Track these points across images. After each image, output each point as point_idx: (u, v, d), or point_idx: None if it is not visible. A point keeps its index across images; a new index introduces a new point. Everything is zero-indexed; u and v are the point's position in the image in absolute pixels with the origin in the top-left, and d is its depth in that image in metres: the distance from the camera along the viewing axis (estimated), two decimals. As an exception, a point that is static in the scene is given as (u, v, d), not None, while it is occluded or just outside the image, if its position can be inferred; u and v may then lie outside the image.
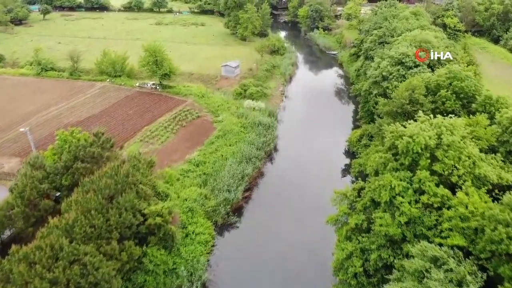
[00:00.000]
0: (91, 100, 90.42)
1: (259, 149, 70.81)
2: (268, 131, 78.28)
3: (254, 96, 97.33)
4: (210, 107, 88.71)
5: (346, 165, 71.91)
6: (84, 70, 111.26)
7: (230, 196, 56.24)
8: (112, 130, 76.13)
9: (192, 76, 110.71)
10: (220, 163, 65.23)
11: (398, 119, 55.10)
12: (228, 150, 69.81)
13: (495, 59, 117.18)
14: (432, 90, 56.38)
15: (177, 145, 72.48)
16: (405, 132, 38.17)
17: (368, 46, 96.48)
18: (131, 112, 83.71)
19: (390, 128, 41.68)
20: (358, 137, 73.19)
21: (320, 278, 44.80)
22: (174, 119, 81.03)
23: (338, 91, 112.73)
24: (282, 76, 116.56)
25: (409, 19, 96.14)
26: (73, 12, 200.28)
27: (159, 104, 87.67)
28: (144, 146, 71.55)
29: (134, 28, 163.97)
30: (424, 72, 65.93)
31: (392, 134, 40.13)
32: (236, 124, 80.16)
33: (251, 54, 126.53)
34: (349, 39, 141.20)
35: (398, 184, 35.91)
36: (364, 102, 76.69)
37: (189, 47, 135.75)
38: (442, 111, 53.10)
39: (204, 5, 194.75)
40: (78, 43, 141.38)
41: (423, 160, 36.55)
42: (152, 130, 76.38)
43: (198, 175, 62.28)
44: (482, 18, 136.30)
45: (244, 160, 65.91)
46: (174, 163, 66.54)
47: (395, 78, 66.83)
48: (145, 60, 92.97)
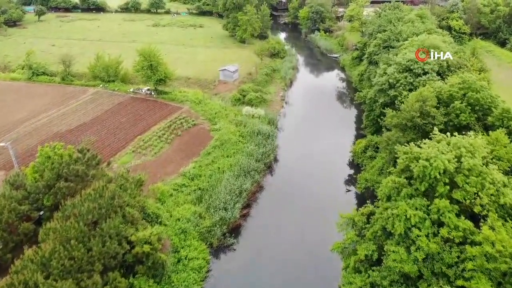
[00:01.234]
0: (83, 107, 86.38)
1: (258, 161, 66.79)
2: (268, 140, 74.28)
3: (253, 102, 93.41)
4: (207, 114, 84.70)
5: (350, 177, 67.95)
6: (77, 74, 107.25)
7: (226, 215, 52.19)
8: (103, 140, 72.30)
9: (189, 80, 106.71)
10: (217, 176, 61.24)
11: (408, 133, 51.30)
12: (226, 162, 65.84)
13: (501, 63, 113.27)
14: (444, 101, 52.44)
15: (171, 156, 68.49)
16: (421, 154, 34.21)
17: (372, 50, 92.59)
18: (124, 120, 79.67)
19: (404, 149, 37.68)
20: (363, 148, 69.21)
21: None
22: (169, 128, 77.01)
23: (340, 96, 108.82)
24: (282, 81, 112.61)
25: (415, 22, 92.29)
26: (68, 13, 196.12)
27: (153, 111, 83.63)
28: (136, 157, 67.59)
29: (131, 30, 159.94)
30: (433, 80, 62.20)
31: (406, 156, 36.13)
32: (234, 133, 76.18)
33: (251, 57, 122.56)
34: (351, 41, 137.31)
35: (414, 214, 31.99)
36: (369, 111, 72.75)
37: (187, 50, 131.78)
38: (456, 125, 49.34)
39: (202, 6, 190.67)
40: (72, 45, 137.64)
41: (441, 187, 32.63)
42: (145, 139, 72.37)
43: (193, 190, 58.28)
44: (487, 20, 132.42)
45: (242, 173, 61.88)
46: (167, 176, 62.57)
47: (403, 86, 62.96)
48: (139, 64, 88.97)
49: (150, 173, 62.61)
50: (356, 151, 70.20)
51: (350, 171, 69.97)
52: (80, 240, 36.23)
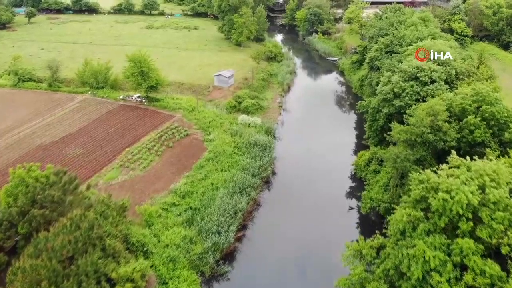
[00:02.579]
0: (69, 116, 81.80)
1: (254, 175, 62.50)
2: (265, 152, 69.93)
3: (249, 110, 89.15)
4: (200, 123, 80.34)
5: (353, 193, 63.82)
6: (65, 80, 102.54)
7: (220, 240, 47.83)
8: (90, 153, 67.78)
9: (182, 86, 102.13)
10: (210, 194, 56.89)
11: (417, 149, 47.19)
12: (220, 177, 61.48)
13: (506, 67, 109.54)
14: (456, 115, 48.37)
15: (161, 171, 64.08)
16: (440, 185, 30.04)
17: (374, 55, 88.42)
18: (112, 130, 75.14)
19: (419, 176, 33.47)
20: (366, 161, 65.11)
21: None
22: (159, 139, 72.57)
23: (340, 102, 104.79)
24: (279, 86, 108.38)
25: (418, 25, 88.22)
26: (60, 15, 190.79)
27: (143, 121, 79.16)
28: (123, 172, 63.13)
29: (123, 32, 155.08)
30: (441, 89, 58.17)
31: (422, 186, 31.92)
32: (229, 144, 71.88)
33: (247, 61, 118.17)
34: (350, 44, 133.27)
35: (434, 256, 27.87)
36: (372, 121, 68.54)
37: (180, 53, 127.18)
38: (470, 142, 45.23)
39: (197, 8, 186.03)
40: (62, 49, 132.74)
41: (463, 223, 28.55)
42: (134, 152, 67.90)
43: (184, 210, 53.89)
44: (490, 22, 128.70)
45: (237, 190, 57.55)
46: (156, 193, 58.15)
47: (409, 96, 58.83)
48: (129, 71, 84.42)
49: (137, 190, 58.62)
50: (359, 164, 66.08)
51: (353, 185, 65.87)
52: (52, 281, 31.86)
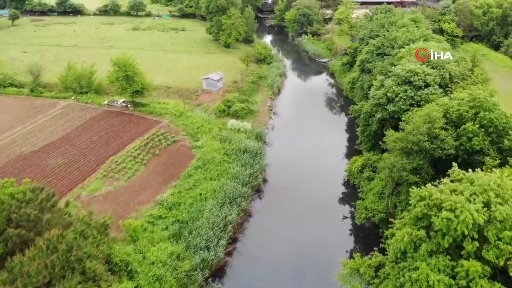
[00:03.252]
0: (51, 123, 78.61)
1: (245, 184, 60.19)
2: (256, 159, 67.68)
3: (239, 114, 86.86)
4: (188, 128, 77.79)
5: (347, 199, 61.96)
6: (48, 85, 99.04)
7: (209, 255, 45.46)
8: (72, 163, 64.84)
9: (170, 90, 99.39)
10: (198, 205, 54.41)
11: (413, 157, 45.34)
12: (208, 186, 59.03)
13: (497, 68, 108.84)
14: (453, 121, 46.64)
15: (147, 181, 61.43)
16: (444, 203, 28.08)
17: (365, 58, 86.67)
18: (96, 138, 72.22)
19: (420, 192, 31.47)
20: (359, 167, 63.22)
21: None
22: (145, 146, 69.89)
23: (330, 105, 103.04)
24: (269, 89, 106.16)
25: (409, 26, 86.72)
26: (44, 17, 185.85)
27: (128, 127, 76.35)
28: (107, 183, 60.37)
29: (109, 34, 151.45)
30: (436, 93, 56.54)
31: (424, 203, 29.93)
32: (218, 151, 69.46)
33: (236, 63, 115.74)
34: (340, 46, 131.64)
35: (438, 280, 25.92)
36: (365, 126, 66.69)
37: (168, 56, 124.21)
38: (468, 149, 43.48)
39: (185, 9, 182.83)
40: (45, 52, 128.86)
41: (468, 243, 26.67)
42: (118, 161, 65.14)
43: (171, 223, 51.37)
44: (480, 22, 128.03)
45: (227, 201, 55.21)
46: (142, 205, 55.56)
47: (403, 100, 57.05)
48: (113, 75, 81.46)
49: (122, 203, 56.02)
50: (352, 171, 64.20)
51: (346, 192, 64.00)
52: (25, 311, 29.21)
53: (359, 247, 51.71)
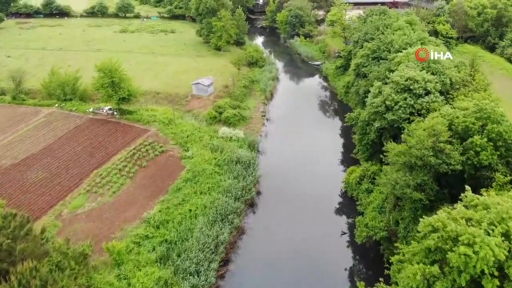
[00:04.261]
0: (33, 133, 74.71)
1: (237, 199, 56.98)
2: (249, 170, 64.47)
3: (231, 121, 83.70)
4: (177, 137, 74.34)
5: (345, 213, 59.05)
6: (31, 92, 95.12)
7: (199, 281, 42.15)
8: (53, 177, 61.16)
9: (158, 96, 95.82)
10: (188, 223, 51.06)
11: (417, 173, 42.43)
12: (199, 201, 55.69)
13: (493, 70, 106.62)
14: (458, 133, 43.82)
15: (133, 195, 57.94)
16: (459, 235, 25.15)
17: (360, 62, 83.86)
18: (80, 149, 68.53)
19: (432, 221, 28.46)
20: (357, 178, 60.26)
21: None
22: (132, 157, 66.36)
23: (325, 109, 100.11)
24: (262, 93, 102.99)
25: (405, 29, 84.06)
26: (30, 19, 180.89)
27: (114, 137, 72.71)
28: (91, 199, 56.81)
29: (96, 37, 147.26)
30: (437, 101, 53.83)
31: (437, 236, 26.94)
32: (209, 162, 66.17)
33: (227, 66, 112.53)
34: (333, 48, 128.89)
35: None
36: (362, 134, 63.81)
37: (156, 59, 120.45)
38: (476, 164, 40.69)
39: (174, 10, 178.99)
40: (30, 56, 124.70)
41: (488, 281, 23.79)
42: (103, 174, 61.58)
43: (158, 244, 48.02)
44: (475, 23, 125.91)
45: (218, 218, 51.96)
46: (127, 223, 52.10)
47: (402, 109, 54.21)
48: (98, 82, 77.71)
49: (106, 220, 52.56)
50: (350, 182, 61.21)
51: (344, 203, 61.01)
52: None
53: (360, 267, 48.91)
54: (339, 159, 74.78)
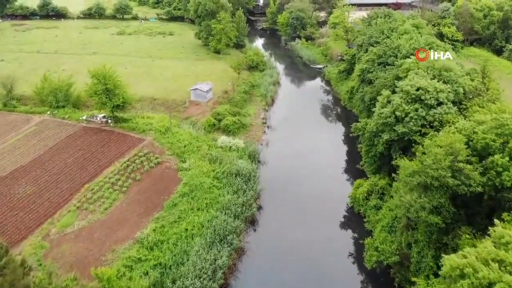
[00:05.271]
0: (23, 143, 71.22)
1: (237, 216, 53.45)
2: (249, 184, 60.96)
3: (230, 129, 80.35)
4: (174, 147, 70.93)
5: (352, 229, 55.57)
6: (23, 98, 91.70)
7: (196, 313, 38.77)
8: (42, 192, 57.71)
9: (155, 102, 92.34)
10: (183, 245, 47.53)
11: (433, 194, 38.92)
12: (195, 219, 52.19)
13: (501, 75, 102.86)
14: (476, 150, 40.33)
15: (126, 212, 54.45)
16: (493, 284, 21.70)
17: (365, 67, 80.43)
18: (71, 160, 65.03)
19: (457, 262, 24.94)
20: (364, 193, 56.73)
21: None
22: (125, 170, 62.91)
23: (328, 116, 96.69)
24: (263, 98, 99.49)
25: (411, 33, 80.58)
26: (26, 21, 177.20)
27: (108, 147, 69.25)
28: (81, 216, 53.34)
29: (92, 40, 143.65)
30: (450, 112, 50.45)
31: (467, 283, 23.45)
32: (207, 174, 62.73)
33: (226, 71, 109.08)
34: (335, 51, 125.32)
35: None
36: (370, 145, 60.40)
37: (154, 63, 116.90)
38: (497, 185, 37.21)
39: (173, 11, 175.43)
40: (24, 59, 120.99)
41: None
42: (94, 189, 58.08)
43: (151, 267, 44.60)
44: (481, 26, 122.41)
45: (216, 239, 48.40)
46: (119, 244, 48.67)
47: (414, 121, 50.75)
48: (92, 88, 74.31)
49: (97, 241, 49.18)
50: (357, 197, 57.67)
51: (351, 220, 57.45)
52: None
53: None
54: (344, 169, 71.36)
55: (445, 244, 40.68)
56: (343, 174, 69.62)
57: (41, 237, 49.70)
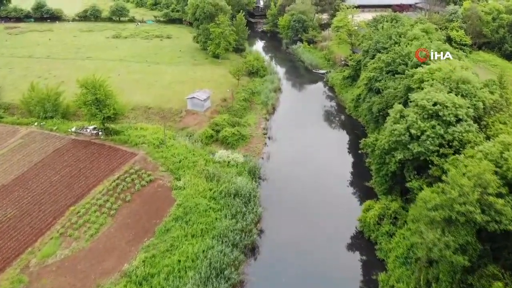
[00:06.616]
0: (7, 158, 66.41)
1: (235, 245, 48.55)
2: (249, 206, 56.10)
3: (229, 141, 75.64)
4: (168, 162, 66.22)
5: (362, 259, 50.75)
6: (11, 107, 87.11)
7: None
8: (23, 215, 52.91)
9: (150, 111, 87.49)
10: (176, 280, 42.68)
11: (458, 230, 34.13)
12: (189, 248, 47.28)
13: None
14: (506, 178, 35.50)
15: (113, 239, 49.65)
16: None
17: (372, 75, 75.57)
18: (56, 178, 60.20)
19: None
20: (375, 217, 51.82)
21: None
22: (115, 189, 58.13)
23: (332, 125, 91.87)
24: (263, 106, 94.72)
25: (421, 39, 75.85)
26: (20, 24, 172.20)
27: (97, 162, 64.46)
28: (64, 244, 48.54)
29: (87, 43, 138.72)
30: (471, 130, 45.71)
31: None
32: (203, 194, 57.98)
33: (225, 76, 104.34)
34: (339, 55, 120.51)
35: None
36: (380, 164, 55.54)
37: (150, 68, 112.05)
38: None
39: (171, 14, 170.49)
40: (15, 65, 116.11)
41: None
42: (80, 212, 53.24)
43: (140, 307, 39.84)
44: (489, 29, 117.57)
45: (212, 274, 43.50)
46: (105, 277, 43.93)
47: (430, 139, 45.94)
48: (81, 99, 69.53)
49: (80, 274, 44.79)
50: (367, 222, 52.71)
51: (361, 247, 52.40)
52: None
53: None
54: (352, 186, 66.48)
55: (470, 285, 36.02)
56: (351, 193, 64.54)
57: (20, 269, 44.97)
